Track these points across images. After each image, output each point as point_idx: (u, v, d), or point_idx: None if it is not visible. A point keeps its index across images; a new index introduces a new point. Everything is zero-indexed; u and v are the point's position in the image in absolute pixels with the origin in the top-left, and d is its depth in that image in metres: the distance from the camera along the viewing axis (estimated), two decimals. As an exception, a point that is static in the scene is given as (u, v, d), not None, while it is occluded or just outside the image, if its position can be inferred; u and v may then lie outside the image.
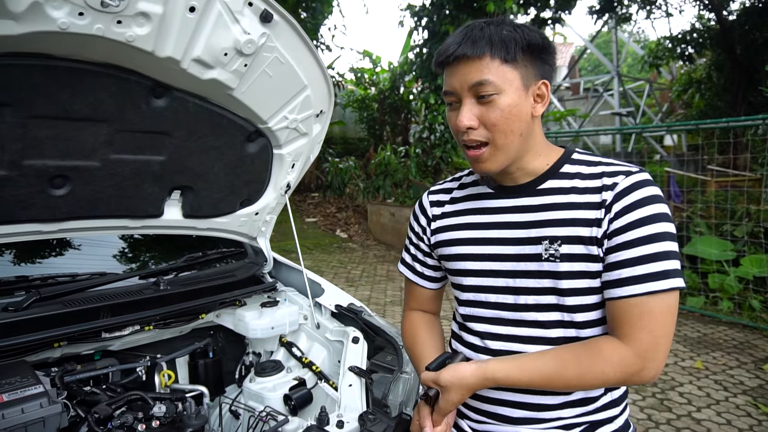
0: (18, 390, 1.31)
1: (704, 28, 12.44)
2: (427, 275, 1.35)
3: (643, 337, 0.97)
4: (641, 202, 0.98)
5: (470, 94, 1.02)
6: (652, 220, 0.97)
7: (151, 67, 1.48)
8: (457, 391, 1.05)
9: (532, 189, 1.11)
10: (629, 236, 0.98)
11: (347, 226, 11.22)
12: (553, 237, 1.05)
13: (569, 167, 1.10)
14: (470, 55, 1.00)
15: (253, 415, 1.76)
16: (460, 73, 1.02)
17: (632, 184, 1.00)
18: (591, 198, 1.03)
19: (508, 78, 1.00)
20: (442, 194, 1.29)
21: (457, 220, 1.22)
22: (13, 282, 1.80)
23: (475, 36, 1.01)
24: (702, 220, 6.01)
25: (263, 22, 1.49)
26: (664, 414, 3.41)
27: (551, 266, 1.05)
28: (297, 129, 1.89)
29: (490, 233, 1.14)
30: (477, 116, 1.03)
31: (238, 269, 2.30)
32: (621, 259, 0.98)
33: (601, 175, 1.05)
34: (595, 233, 1.01)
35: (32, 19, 1.18)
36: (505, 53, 1.00)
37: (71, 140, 1.52)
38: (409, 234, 1.37)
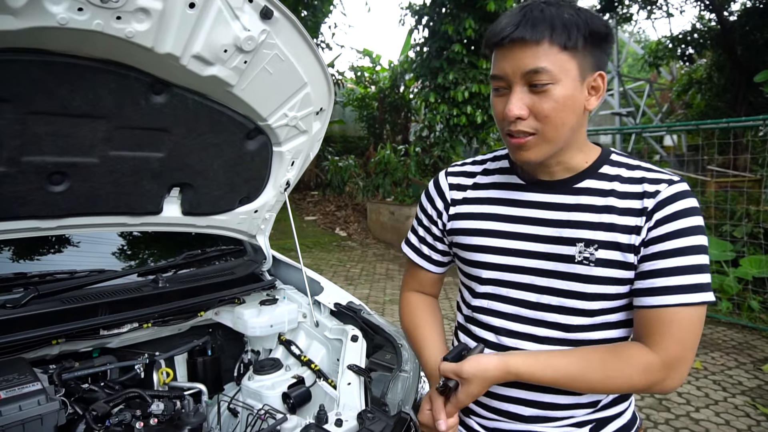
0: (15, 387, 1.30)
1: (705, 28, 12.44)
2: (434, 259, 1.29)
3: (671, 347, 0.96)
4: (682, 213, 0.97)
5: (522, 82, 0.95)
6: (690, 232, 0.96)
7: (151, 64, 1.47)
8: (479, 383, 1.00)
9: (569, 187, 1.06)
10: (667, 246, 0.96)
11: (347, 225, 11.22)
12: (590, 240, 1.01)
13: (609, 168, 1.06)
14: (528, 39, 0.92)
15: (251, 413, 1.76)
16: (514, 58, 0.94)
17: (675, 194, 0.98)
18: (632, 204, 1.00)
19: (566, 67, 0.93)
20: (464, 177, 1.21)
21: (480, 208, 1.15)
22: (11, 279, 1.80)
23: (535, 18, 0.92)
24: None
25: (263, 18, 1.48)
26: (663, 414, 3.41)
27: (584, 269, 1.01)
28: (297, 126, 1.88)
29: (519, 228, 1.09)
30: (528, 105, 0.95)
31: (237, 267, 2.29)
32: (658, 268, 0.97)
33: (641, 180, 1.02)
34: (633, 240, 0.99)
35: (31, 14, 1.17)
36: (566, 39, 0.92)
37: (70, 137, 1.51)
38: (419, 215, 1.28)
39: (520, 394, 1.10)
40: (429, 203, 1.25)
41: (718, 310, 5.33)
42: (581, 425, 1.10)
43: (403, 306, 1.35)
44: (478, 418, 1.18)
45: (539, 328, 1.07)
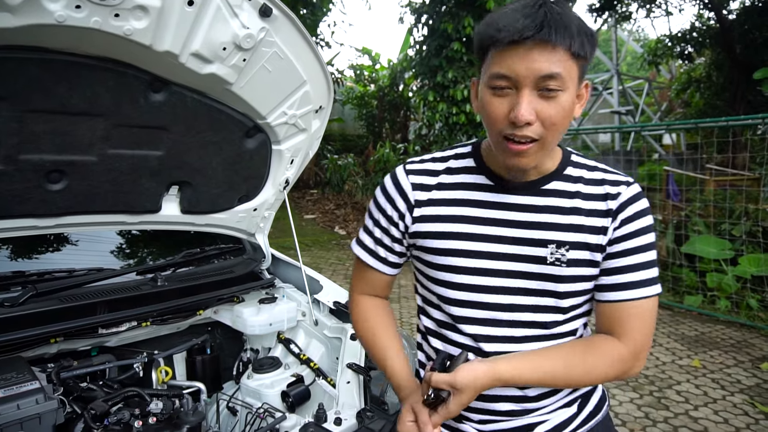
0: (14, 386, 1.30)
1: (704, 27, 12.44)
2: (390, 261, 1.23)
3: (637, 337, 1.05)
4: (641, 213, 1.05)
5: (533, 85, 0.92)
6: (647, 230, 1.05)
7: (149, 61, 1.46)
8: (471, 392, 1.00)
9: (537, 188, 1.07)
10: (630, 244, 1.04)
11: (346, 223, 11.22)
12: (561, 242, 1.04)
13: (572, 170, 1.09)
14: (553, 42, 0.88)
15: (250, 412, 1.76)
16: (529, 59, 0.90)
17: (633, 196, 1.06)
18: (597, 205, 1.06)
19: (572, 75, 0.93)
20: (427, 176, 1.15)
21: (446, 210, 1.11)
22: (9, 277, 1.79)
23: (556, 21, 0.89)
24: (700, 219, 6.01)
25: (262, 16, 1.48)
26: (662, 412, 3.42)
27: (556, 270, 1.04)
28: (296, 125, 1.88)
29: (489, 229, 1.08)
30: (536, 111, 0.92)
31: (236, 265, 2.29)
32: (623, 264, 1.04)
33: (602, 182, 1.08)
34: (601, 240, 1.04)
35: (28, 12, 1.17)
36: (579, 48, 0.91)
37: (68, 135, 1.50)
38: (375, 215, 1.20)
39: (509, 391, 1.11)
40: (389, 203, 1.17)
41: (717, 308, 5.34)
42: (569, 404, 1.16)
43: (355, 311, 1.29)
44: (473, 423, 1.17)
45: (516, 329, 1.08)
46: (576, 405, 1.17)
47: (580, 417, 1.17)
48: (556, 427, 1.14)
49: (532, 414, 1.13)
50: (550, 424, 1.14)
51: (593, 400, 1.20)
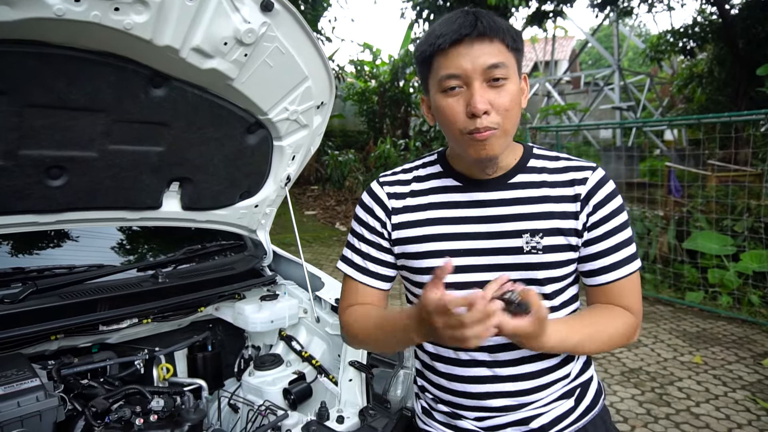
0: (14, 383, 1.30)
1: (706, 22, 12.38)
2: (382, 275, 1.21)
3: (637, 307, 1.15)
4: (611, 195, 1.10)
5: (482, 77, 0.99)
6: (620, 210, 1.11)
7: (150, 56, 1.45)
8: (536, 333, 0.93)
9: (504, 183, 1.12)
10: (610, 226, 1.10)
11: (347, 219, 11.21)
12: (534, 230, 1.08)
13: (535, 162, 1.14)
14: (487, 36, 0.98)
15: (252, 409, 1.75)
16: (473, 55, 0.98)
17: (600, 180, 1.10)
18: (564, 191, 1.10)
19: (512, 65, 1.02)
20: (399, 186, 1.20)
21: (421, 215, 1.15)
22: (9, 274, 1.78)
23: (487, 19, 0.99)
24: (702, 215, 5.99)
25: (264, 11, 1.46)
26: (663, 409, 3.42)
27: (534, 258, 1.08)
28: (297, 120, 1.87)
29: (463, 228, 1.12)
30: (489, 101, 0.99)
31: (237, 262, 2.28)
32: (607, 246, 1.10)
33: (566, 169, 1.13)
34: (573, 225, 1.09)
35: (27, 5, 1.15)
36: (512, 41, 1.01)
37: (68, 130, 1.49)
38: (358, 230, 1.22)
39: (502, 387, 1.13)
40: (369, 215, 1.20)
41: (719, 304, 5.33)
42: (565, 397, 1.17)
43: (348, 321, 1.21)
44: (470, 420, 1.18)
45: None
46: (573, 399, 1.18)
47: (578, 411, 1.18)
48: (553, 421, 1.15)
49: (527, 408, 1.14)
50: (547, 418, 1.15)
51: (590, 393, 1.22)
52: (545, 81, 19.41)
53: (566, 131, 8.54)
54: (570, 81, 22.30)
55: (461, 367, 1.15)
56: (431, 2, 9.56)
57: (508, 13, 9.85)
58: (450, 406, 1.20)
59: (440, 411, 1.23)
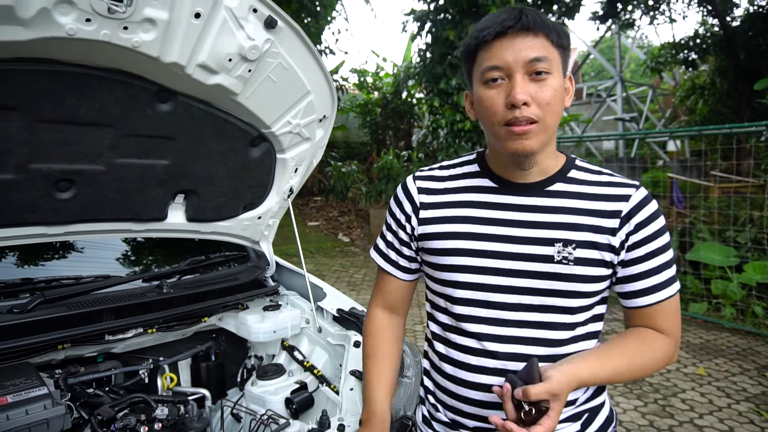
0: (22, 391, 1.32)
1: (707, 33, 12.44)
2: (401, 265, 1.27)
3: (676, 330, 1.12)
4: (654, 216, 1.07)
5: (524, 70, 0.99)
6: (662, 231, 1.08)
7: (157, 73, 1.49)
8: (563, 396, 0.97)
9: (541, 189, 1.10)
10: (650, 247, 1.07)
11: (349, 230, 11.23)
12: (568, 240, 1.06)
13: (575, 173, 1.12)
14: (532, 29, 0.99)
15: (254, 419, 1.77)
16: (516, 47, 0.99)
17: (644, 198, 1.08)
18: (603, 206, 1.08)
19: (556, 60, 1.02)
20: (432, 182, 1.22)
21: (452, 212, 1.16)
22: (17, 284, 1.82)
23: (532, 14, 1.00)
24: (705, 226, 6.00)
25: (267, 28, 1.50)
26: (666, 420, 3.40)
27: (563, 269, 1.06)
28: (300, 134, 1.90)
29: (495, 229, 1.11)
30: (530, 93, 0.99)
31: (240, 273, 2.31)
32: (647, 268, 1.08)
33: (608, 184, 1.10)
34: (609, 240, 1.06)
35: (40, 25, 1.20)
36: (557, 37, 1.01)
37: (77, 144, 1.53)
38: (387, 219, 1.29)
39: None
40: (398, 207, 1.25)
41: (722, 316, 5.31)
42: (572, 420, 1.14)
43: (367, 325, 1.33)
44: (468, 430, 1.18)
45: (523, 329, 1.09)
46: (580, 423, 1.14)
47: None
48: None
49: None
50: None
51: (599, 419, 1.17)
52: (548, 92, 19.38)
53: (569, 143, 8.57)
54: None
55: (468, 372, 1.14)
56: (433, 14, 9.64)
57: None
58: (452, 411, 1.19)
59: (439, 420, 1.23)
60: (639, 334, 1.11)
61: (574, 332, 1.11)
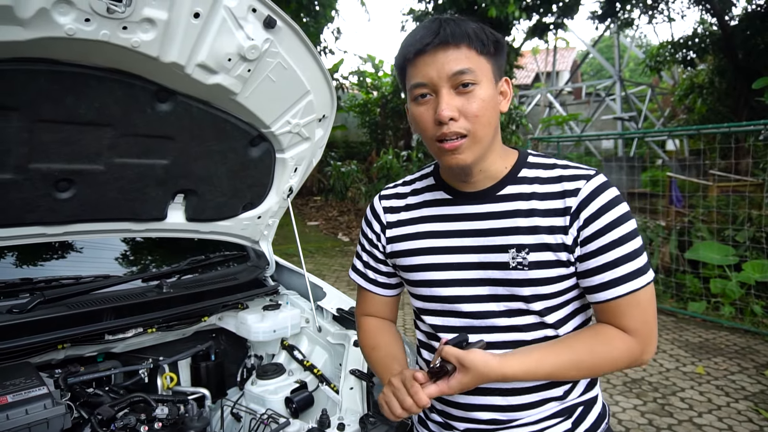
0: (22, 391, 1.32)
1: (706, 33, 12.46)
2: (381, 282, 1.29)
3: (640, 327, 1.03)
4: (607, 206, 1.01)
5: (449, 84, 0.99)
6: (620, 221, 1.01)
7: (156, 72, 1.49)
8: (476, 376, 0.98)
9: (493, 195, 1.09)
10: (603, 241, 1.01)
11: (349, 230, 11.24)
12: (520, 245, 1.04)
13: (527, 171, 1.09)
14: (451, 43, 0.98)
15: (254, 418, 1.77)
16: (438, 63, 0.99)
17: (594, 189, 1.03)
18: (553, 204, 1.04)
19: (484, 69, 1.01)
20: (396, 199, 1.24)
21: (414, 228, 1.18)
22: (17, 284, 1.82)
23: (452, 27, 0.99)
24: (704, 225, 6.00)
25: (267, 27, 1.51)
26: (666, 419, 3.41)
27: (520, 274, 1.05)
28: (299, 133, 1.90)
29: (451, 241, 1.11)
30: (457, 107, 0.99)
31: (240, 272, 2.31)
32: (603, 263, 1.02)
33: (559, 179, 1.06)
34: (562, 240, 1.03)
35: (39, 25, 1.20)
36: (481, 45, 1.00)
37: (76, 144, 1.53)
38: (361, 240, 1.31)
39: (496, 400, 1.11)
40: (368, 227, 1.27)
41: (721, 315, 5.32)
42: (560, 416, 1.12)
43: (359, 331, 1.35)
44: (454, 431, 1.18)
45: (495, 334, 1.09)
46: (570, 420, 1.12)
47: None
48: None
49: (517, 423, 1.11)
50: None
51: (591, 415, 1.16)
52: (547, 92, 19.50)
53: (568, 142, 8.59)
54: (571, 92, 22.38)
55: None
56: (432, 15, 9.65)
57: (509, 25, 9.94)
58: (442, 415, 1.20)
59: (434, 421, 1.23)
60: (594, 331, 1.07)
61: (556, 331, 1.08)
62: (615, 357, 1.03)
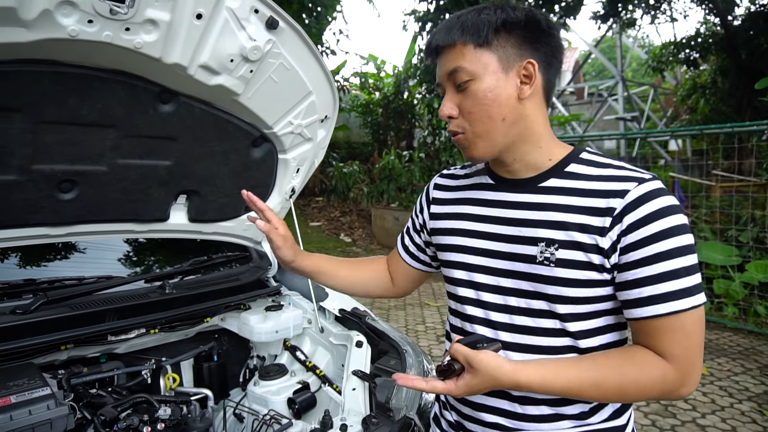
0: (26, 392, 1.32)
1: (709, 32, 12.43)
2: (409, 249, 1.37)
3: (680, 354, 0.92)
4: (657, 214, 0.91)
5: (450, 83, 1.03)
6: (670, 233, 0.90)
7: (159, 73, 1.49)
8: (485, 380, 0.92)
9: (534, 186, 1.05)
10: (648, 251, 0.91)
11: (351, 231, 11.24)
12: (550, 240, 0.98)
13: (575, 167, 1.03)
14: (443, 44, 1.01)
15: (257, 419, 1.77)
16: (440, 64, 1.04)
17: (646, 194, 0.92)
18: (595, 202, 0.96)
19: (483, 62, 0.97)
20: (449, 179, 1.26)
21: (455, 208, 1.19)
22: (20, 285, 1.82)
23: (450, 24, 1.01)
24: (707, 225, 5.99)
25: (269, 28, 1.51)
26: (669, 420, 3.40)
27: (545, 270, 0.99)
28: (302, 134, 1.90)
29: (486, 227, 1.09)
30: (457, 105, 1.02)
31: (242, 273, 2.31)
32: (643, 276, 0.91)
33: (608, 178, 0.97)
34: (597, 241, 0.94)
35: (42, 27, 1.20)
36: (476, 38, 0.97)
37: (79, 145, 1.53)
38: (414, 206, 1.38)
39: (503, 404, 1.07)
40: (419, 199, 1.34)
41: (724, 315, 5.30)
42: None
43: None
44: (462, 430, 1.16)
45: (510, 334, 1.05)
46: None
47: None
48: None
49: None
50: None
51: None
52: (549, 92, 19.38)
53: (570, 142, 8.60)
54: (574, 92, 22.35)
55: None
56: (433, 15, 9.64)
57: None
58: (455, 413, 1.19)
59: (446, 419, 1.23)
60: (626, 351, 0.97)
61: (576, 341, 1.00)
62: (646, 383, 0.92)
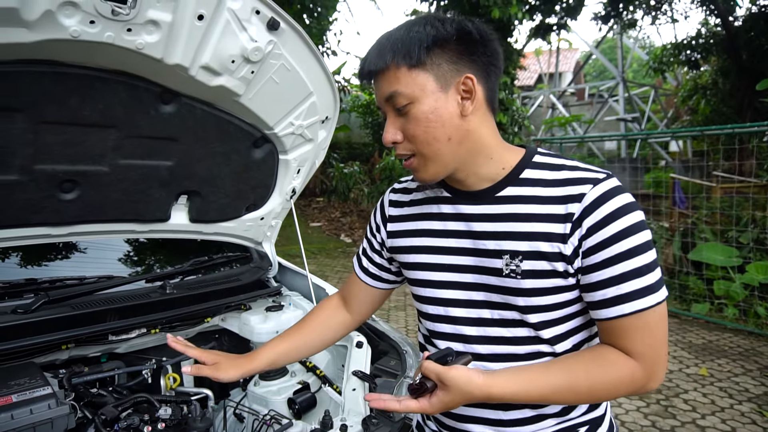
0: (27, 391, 1.32)
1: (710, 33, 12.44)
2: (368, 270, 1.28)
3: (646, 351, 0.93)
4: (615, 214, 0.90)
5: (390, 107, 0.97)
6: (629, 232, 0.90)
7: (160, 74, 1.50)
8: (457, 395, 0.90)
9: (491, 196, 1.01)
10: (609, 253, 0.90)
11: (352, 231, 11.24)
12: (514, 252, 0.96)
13: (530, 172, 1.00)
14: (375, 69, 0.96)
15: (257, 419, 1.77)
16: (376, 87, 0.99)
17: (601, 195, 0.91)
18: (554, 209, 0.94)
19: (420, 83, 0.93)
20: (402, 194, 1.20)
21: (413, 225, 1.14)
22: (22, 285, 1.82)
23: (381, 46, 0.95)
24: (707, 227, 5.99)
25: (270, 29, 1.51)
26: (669, 421, 3.40)
27: (512, 282, 0.97)
28: (302, 135, 1.91)
29: (448, 241, 1.06)
30: (400, 129, 0.98)
31: (243, 273, 2.32)
32: (605, 277, 0.91)
33: (565, 182, 0.96)
34: (560, 249, 0.93)
35: (44, 27, 1.20)
36: (408, 59, 0.92)
37: (81, 145, 1.54)
38: (368, 226, 1.31)
39: (487, 413, 1.05)
40: (374, 216, 1.27)
41: (725, 316, 5.31)
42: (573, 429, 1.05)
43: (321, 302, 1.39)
44: None
45: (485, 346, 1.03)
46: None
47: None
48: None
49: None
50: None
51: None
52: (549, 93, 19.48)
53: (571, 143, 8.59)
54: (574, 93, 22.36)
55: None
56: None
57: (511, 27, 9.93)
58: (437, 423, 1.17)
59: (430, 428, 1.21)
60: (594, 352, 0.96)
61: (552, 347, 1.00)
62: (615, 382, 0.93)
